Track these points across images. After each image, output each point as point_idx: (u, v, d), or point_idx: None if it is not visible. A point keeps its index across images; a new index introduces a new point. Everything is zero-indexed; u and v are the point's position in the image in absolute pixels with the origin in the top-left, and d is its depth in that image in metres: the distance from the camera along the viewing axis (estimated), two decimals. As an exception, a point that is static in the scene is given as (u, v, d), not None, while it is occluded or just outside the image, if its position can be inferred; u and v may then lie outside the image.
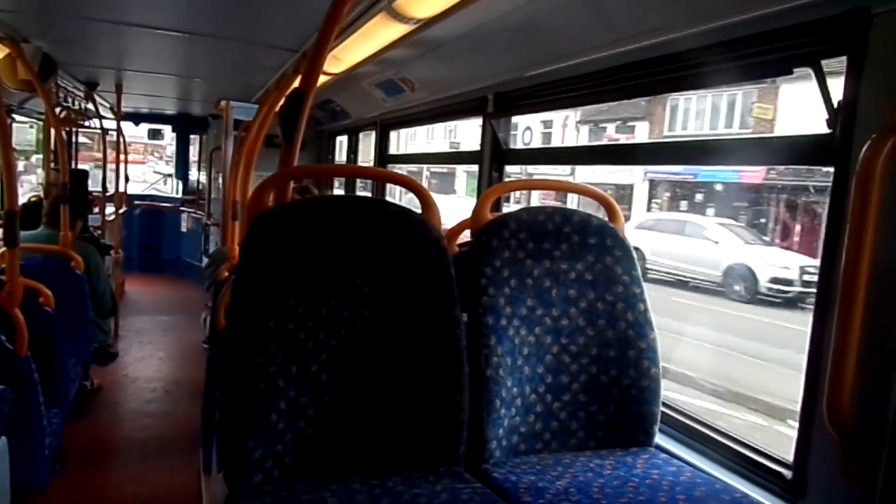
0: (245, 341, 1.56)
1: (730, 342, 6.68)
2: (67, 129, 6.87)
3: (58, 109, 5.50)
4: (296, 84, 1.80)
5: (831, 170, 1.55)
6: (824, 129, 1.57)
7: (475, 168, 3.26)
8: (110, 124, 7.54)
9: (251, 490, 1.52)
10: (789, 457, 1.67)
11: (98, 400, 4.52)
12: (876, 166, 1.30)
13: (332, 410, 1.65)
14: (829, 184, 1.56)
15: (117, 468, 3.55)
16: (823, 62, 1.57)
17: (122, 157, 7.11)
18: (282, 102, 1.98)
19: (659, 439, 1.95)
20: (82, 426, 3.94)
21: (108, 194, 7.22)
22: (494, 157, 3.13)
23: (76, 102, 6.40)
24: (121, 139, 7.07)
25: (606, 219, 2.04)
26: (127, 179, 7.68)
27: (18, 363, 2.44)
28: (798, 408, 1.61)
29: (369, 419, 1.68)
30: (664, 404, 2.01)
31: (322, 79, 2.36)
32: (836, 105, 1.54)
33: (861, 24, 1.44)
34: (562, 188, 2.34)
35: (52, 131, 5.12)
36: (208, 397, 3.14)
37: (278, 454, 1.57)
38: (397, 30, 2.68)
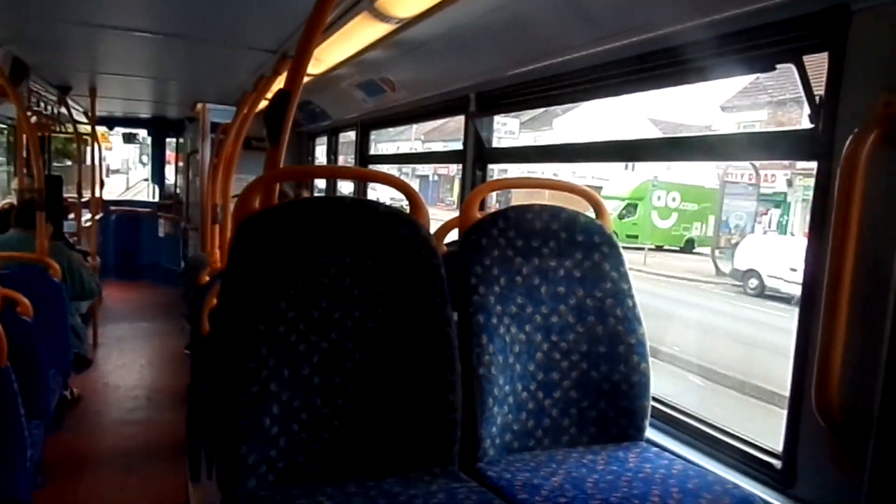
0: (235, 345, 1.54)
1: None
2: (41, 134, 6.74)
3: (30, 114, 5.40)
4: (277, 85, 1.79)
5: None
6: (808, 125, 1.59)
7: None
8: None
9: (246, 496, 1.50)
10: (778, 447, 1.69)
11: (79, 409, 4.45)
12: (859, 160, 1.33)
13: (325, 413, 1.64)
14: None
15: (100, 478, 3.49)
16: (805, 58, 1.60)
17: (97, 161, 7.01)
18: (264, 104, 1.96)
19: (649, 433, 1.97)
20: (64, 437, 3.87)
21: (83, 200, 7.11)
22: (478, 156, 3.13)
23: (49, 107, 6.28)
24: (95, 144, 6.95)
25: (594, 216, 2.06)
26: (102, 185, 7.56)
27: None
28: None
29: (363, 421, 1.67)
30: (654, 398, 2.02)
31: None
32: (818, 100, 1.56)
33: (841, 21, 1.46)
34: (550, 186, 2.34)
35: (25, 137, 5.02)
36: (194, 404, 3.10)
37: (272, 459, 1.55)
38: (379, 29, 2.67)
